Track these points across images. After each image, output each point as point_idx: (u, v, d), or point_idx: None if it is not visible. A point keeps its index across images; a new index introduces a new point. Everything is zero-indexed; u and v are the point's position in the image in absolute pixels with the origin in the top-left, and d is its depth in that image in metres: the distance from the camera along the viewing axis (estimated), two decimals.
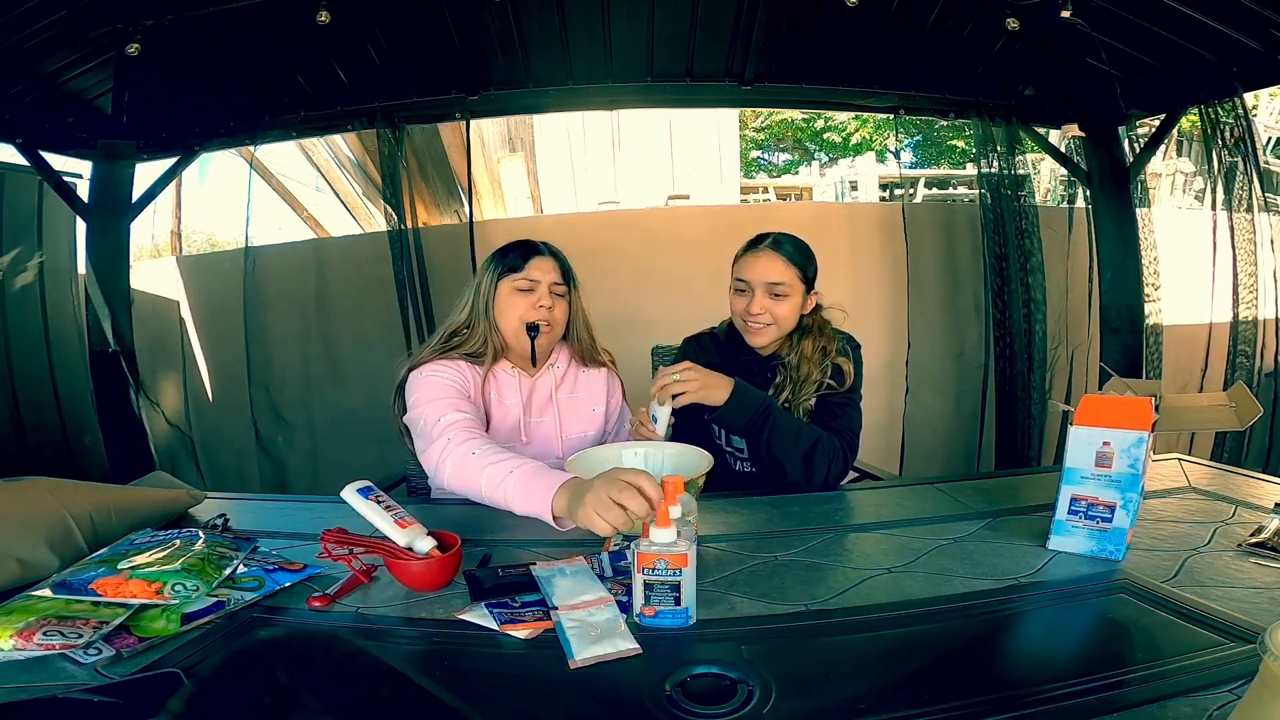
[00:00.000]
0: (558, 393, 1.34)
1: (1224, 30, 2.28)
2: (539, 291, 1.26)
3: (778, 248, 1.29)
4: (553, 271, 1.29)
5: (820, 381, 1.28)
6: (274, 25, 2.44)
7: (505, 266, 1.27)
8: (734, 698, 0.61)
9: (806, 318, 1.34)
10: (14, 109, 2.50)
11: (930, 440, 3.37)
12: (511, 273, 1.26)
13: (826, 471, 1.19)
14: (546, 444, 1.33)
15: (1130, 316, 2.90)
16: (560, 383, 1.35)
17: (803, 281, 1.30)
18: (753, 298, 1.29)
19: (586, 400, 1.38)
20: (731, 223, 3.58)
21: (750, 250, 1.32)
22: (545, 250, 1.30)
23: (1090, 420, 0.86)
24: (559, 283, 1.29)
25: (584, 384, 1.39)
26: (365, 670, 0.67)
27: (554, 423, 1.33)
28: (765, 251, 1.29)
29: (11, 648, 0.66)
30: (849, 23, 2.53)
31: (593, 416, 1.38)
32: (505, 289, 1.26)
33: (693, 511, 0.78)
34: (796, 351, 1.31)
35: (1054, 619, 0.75)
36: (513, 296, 1.26)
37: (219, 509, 1.11)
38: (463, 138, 3.50)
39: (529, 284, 1.26)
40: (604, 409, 1.40)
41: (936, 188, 9.56)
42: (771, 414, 1.19)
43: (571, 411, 1.36)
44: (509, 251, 1.29)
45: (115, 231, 2.87)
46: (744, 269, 1.31)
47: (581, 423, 1.37)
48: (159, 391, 3.25)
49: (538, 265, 1.27)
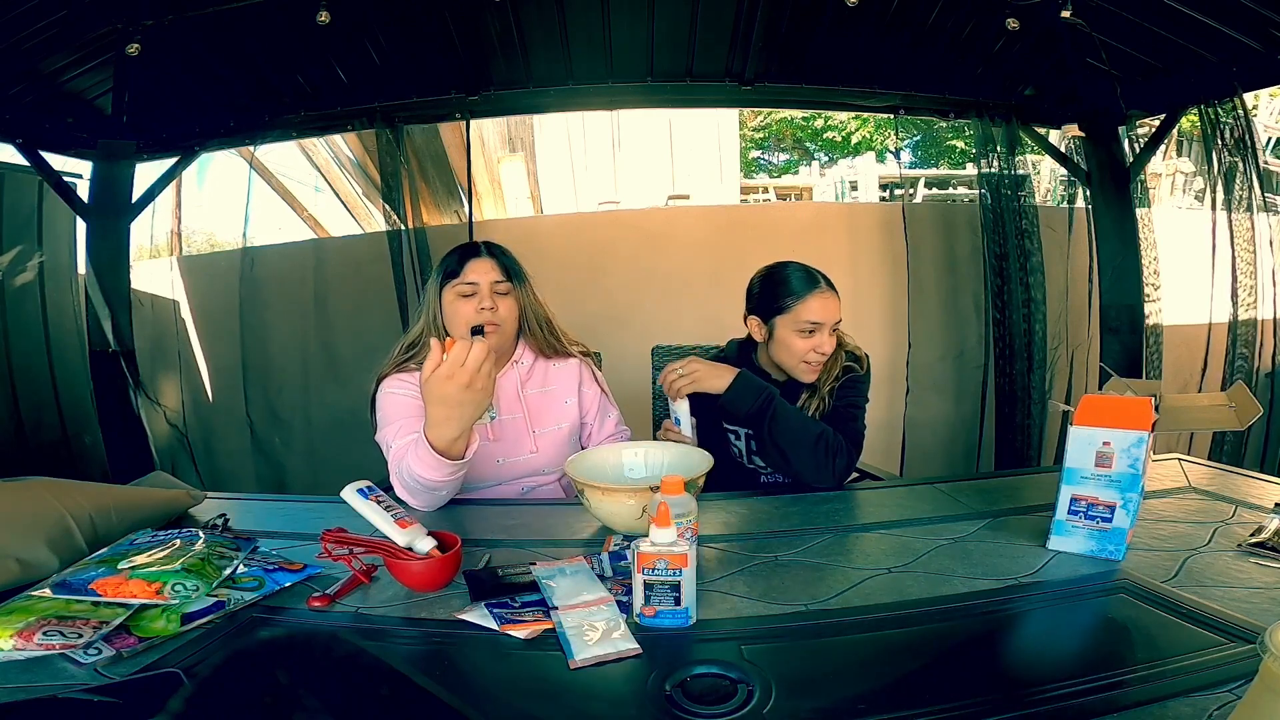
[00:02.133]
0: (525, 389, 1.35)
1: (1224, 30, 2.28)
2: (480, 293, 1.26)
3: (832, 286, 1.33)
4: (492, 271, 1.28)
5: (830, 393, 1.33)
6: (274, 25, 2.44)
7: (445, 273, 1.27)
8: (734, 698, 0.61)
9: None
10: (14, 109, 2.50)
11: (930, 440, 3.37)
12: (451, 279, 1.26)
13: (832, 465, 1.20)
14: (517, 440, 1.33)
15: (1130, 316, 2.90)
16: (527, 378, 1.36)
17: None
18: (824, 338, 1.31)
19: (559, 393, 1.39)
20: (731, 223, 3.58)
21: (814, 291, 1.31)
22: (483, 251, 1.30)
23: (1090, 420, 0.86)
24: (501, 280, 1.28)
25: (554, 377, 1.39)
26: (365, 670, 0.67)
27: (523, 419, 1.34)
28: (828, 292, 1.32)
29: (11, 648, 0.66)
30: (849, 23, 2.52)
31: (565, 409, 1.39)
32: (449, 296, 1.26)
33: (693, 511, 0.78)
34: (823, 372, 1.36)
35: (1054, 619, 0.75)
36: (456, 303, 1.26)
37: (219, 509, 1.12)
38: (463, 138, 3.50)
39: (469, 287, 1.25)
40: (576, 399, 1.40)
41: (936, 188, 9.56)
42: (774, 402, 1.21)
43: (542, 406, 1.36)
44: (448, 258, 1.29)
45: (115, 231, 2.87)
46: (814, 311, 1.29)
47: (554, 416, 1.37)
48: (159, 391, 3.25)
49: (474, 268, 1.26)
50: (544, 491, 1.37)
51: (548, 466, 1.35)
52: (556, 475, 1.38)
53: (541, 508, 1.21)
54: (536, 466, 1.34)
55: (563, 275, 3.23)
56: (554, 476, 1.37)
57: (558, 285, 3.29)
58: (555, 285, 3.21)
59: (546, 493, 1.37)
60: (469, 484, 1.30)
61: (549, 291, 1.41)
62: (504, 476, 1.32)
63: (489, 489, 1.32)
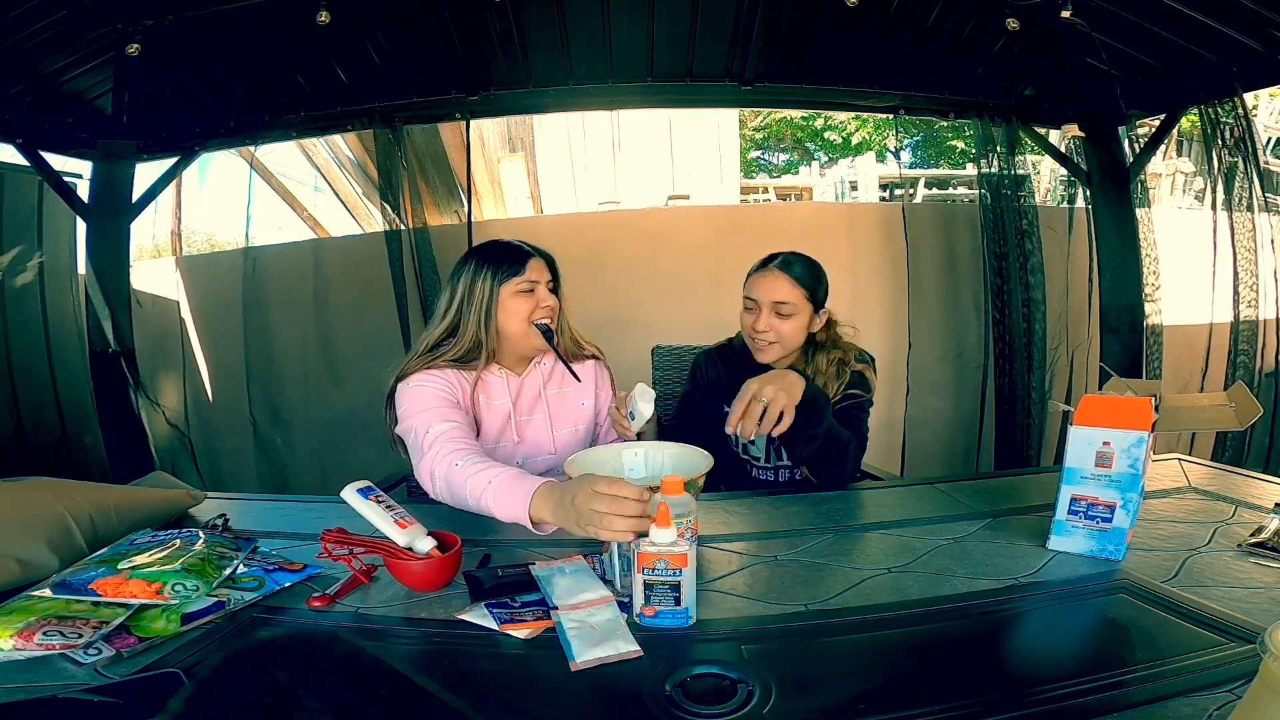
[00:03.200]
0: (546, 389, 1.36)
1: (1224, 30, 2.28)
2: (539, 291, 1.28)
3: (786, 268, 1.31)
4: (546, 270, 1.31)
5: (840, 391, 1.31)
6: (274, 25, 2.44)
7: (505, 271, 1.27)
8: (734, 698, 0.61)
9: (819, 334, 1.36)
10: (14, 109, 2.50)
11: (930, 440, 3.37)
12: (513, 276, 1.26)
13: (853, 468, 1.24)
14: (538, 441, 1.34)
15: (1130, 316, 2.90)
16: (549, 379, 1.37)
17: (810, 302, 1.32)
18: (759, 315, 1.31)
19: (575, 394, 1.40)
20: (731, 223, 3.58)
21: (760, 269, 1.35)
22: (536, 252, 1.32)
23: (1090, 420, 0.86)
24: (551, 280, 1.32)
25: (572, 379, 1.40)
26: (365, 670, 0.67)
27: (544, 419, 1.35)
28: (773, 271, 1.31)
29: (11, 648, 0.66)
30: (849, 23, 2.53)
31: (582, 411, 1.40)
32: (508, 292, 1.26)
33: (693, 511, 0.78)
34: (812, 366, 1.34)
35: (1054, 619, 0.75)
36: (516, 299, 1.26)
37: (219, 509, 1.12)
38: (463, 138, 3.50)
39: (530, 285, 1.27)
40: (593, 402, 1.41)
41: (936, 188, 9.55)
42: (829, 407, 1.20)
43: (561, 407, 1.37)
44: (502, 256, 1.29)
45: (115, 231, 2.87)
46: (753, 288, 1.33)
47: (572, 417, 1.38)
48: (159, 391, 3.25)
49: (534, 267, 1.28)
50: None
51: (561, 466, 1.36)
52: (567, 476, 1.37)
53: None
54: (554, 466, 1.35)
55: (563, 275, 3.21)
56: (565, 477, 1.37)
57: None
58: None
59: None
60: None
61: None
62: None
63: None
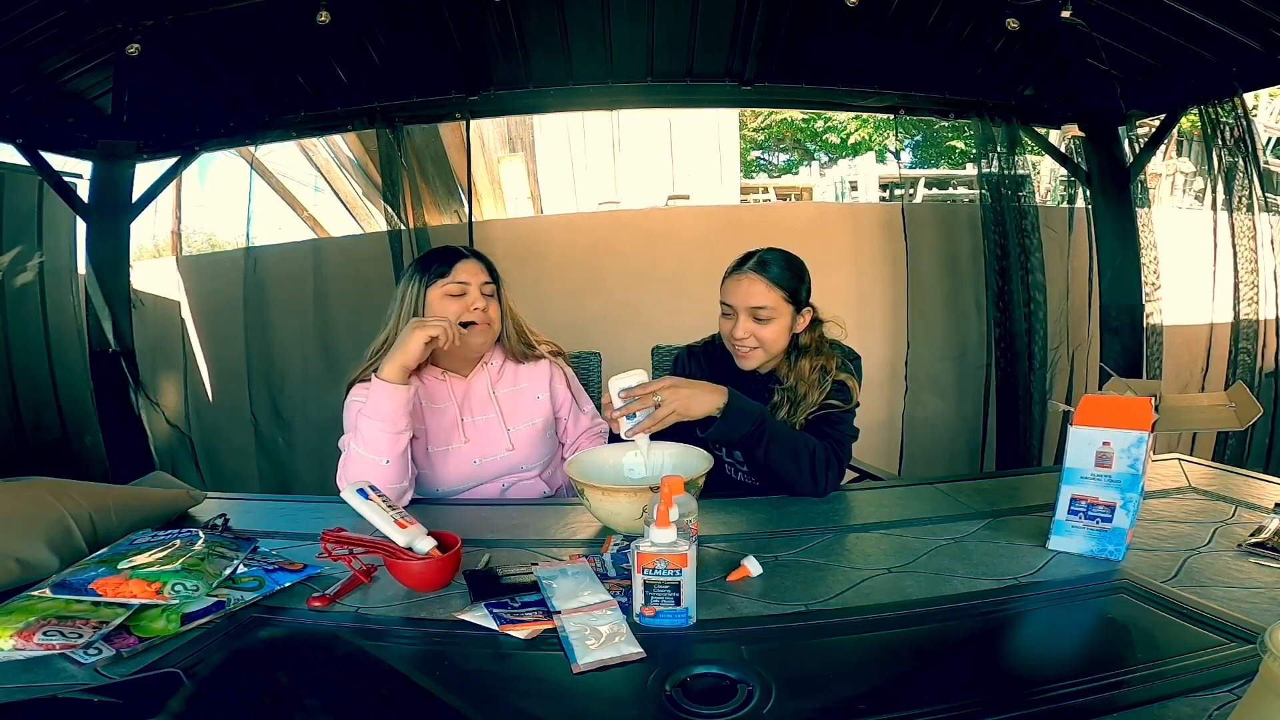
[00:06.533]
0: (496, 389, 1.36)
1: (1224, 30, 2.28)
2: (470, 294, 1.27)
3: (762, 269, 1.22)
4: (481, 273, 1.30)
5: (819, 401, 1.23)
6: (274, 25, 2.44)
7: (432, 274, 1.27)
8: (734, 698, 0.61)
9: (803, 335, 1.28)
10: (14, 109, 2.50)
11: (930, 440, 3.37)
12: (440, 279, 1.26)
13: (825, 479, 1.16)
14: (492, 439, 1.34)
15: (1130, 316, 2.90)
16: (498, 379, 1.37)
17: (790, 303, 1.24)
18: (736, 322, 1.23)
19: (530, 389, 1.40)
20: (731, 223, 3.58)
21: (735, 271, 1.26)
22: (469, 254, 1.31)
23: (1090, 420, 0.86)
24: (487, 282, 1.30)
25: (525, 376, 1.40)
26: (365, 670, 0.67)
27: (498, 418, 1.35)
28: (748, 274, 1.23)
29: (11, 648, 0.66)
30: (849, 23, 2.53)
31: (538, 404, 1.40)
32: (435, 295, 1.26)
33: (693, 511, 0.78)
34: (794, 372, 1.25)
35: (1054, 619, 0.75)
36: (444, 301, 1.26)
37: (219, 509, 1.12)
38: (463, 138, 3.50)
39: (460, 287, 1.26)
40: (548, 394, 1.41)
41: (936, 188, 9.55)
42: (766, 425, 1.14)
43: (514, 403, 1.37)
44: (432, 260, 1.29)
45: (115, 232, 2.87)
46: (729, 292, 1.25)
47: (527, 412, 1.38)
48: (159, 391, 3.24)
49: (464, 268, 1.27)
50: (523, 487, 1.37)
51: (525, 463, 1.36)
52: (536, 471, 1.38)
53: (541, 508, 1.21)
54: (514, 463, 1.35)
55: (563, 275, 3.23)
56: (534, 472, 1.38)
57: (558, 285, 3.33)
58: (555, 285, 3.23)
59: (526, 488, 1.37)
60: (447, 488, 1.31)
61: (549, 291, 1.42)
62: (482, 476, 1.33)
63: (468, 490, 1.32)
